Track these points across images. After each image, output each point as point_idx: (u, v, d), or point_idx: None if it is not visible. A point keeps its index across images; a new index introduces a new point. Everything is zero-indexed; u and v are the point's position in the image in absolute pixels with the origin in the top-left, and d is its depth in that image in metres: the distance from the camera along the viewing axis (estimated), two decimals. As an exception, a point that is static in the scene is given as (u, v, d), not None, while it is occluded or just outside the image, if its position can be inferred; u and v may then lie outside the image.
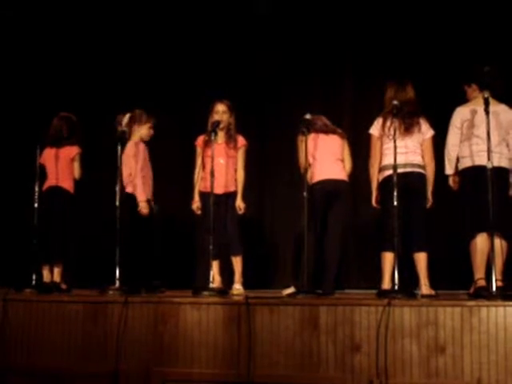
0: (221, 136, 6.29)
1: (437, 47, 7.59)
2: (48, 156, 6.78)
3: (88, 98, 8.41)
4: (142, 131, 6.53)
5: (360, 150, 6.88)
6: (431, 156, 5.87)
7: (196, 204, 6.36)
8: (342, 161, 6.31)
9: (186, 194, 8.10)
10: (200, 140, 6.38)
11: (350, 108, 7.83)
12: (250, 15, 8.20)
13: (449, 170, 5.87)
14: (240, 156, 6.37)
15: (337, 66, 8.02)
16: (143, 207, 6.35)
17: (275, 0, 8.10)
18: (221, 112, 6.29)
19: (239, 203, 6.27)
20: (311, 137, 6.13)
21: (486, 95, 5.28)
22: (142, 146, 6.50)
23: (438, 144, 5.89)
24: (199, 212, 6.36)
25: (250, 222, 6.60)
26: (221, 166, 6.19)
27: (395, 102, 5.54)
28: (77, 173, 6.83)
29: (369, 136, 5.97)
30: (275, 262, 8.04)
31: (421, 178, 5.82)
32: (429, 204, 5.86)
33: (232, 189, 6.31)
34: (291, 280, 6.57)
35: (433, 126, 5.89)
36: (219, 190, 6.10)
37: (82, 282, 7.14)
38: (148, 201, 6.37)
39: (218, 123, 6.05)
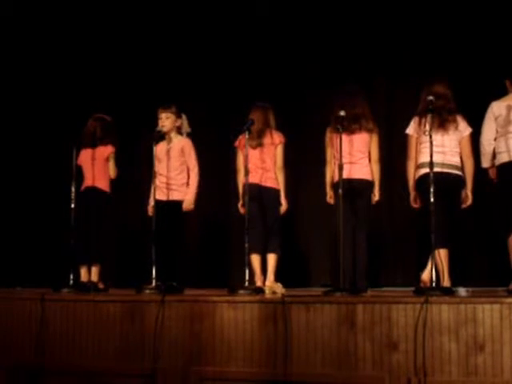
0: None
1: (472, 41, 7.49)
2: (84, 157, 6.85)
3: (126, 98, 8.49)
4: None
5: (394, 149, 6.82)
6: (469, 153, 5.77)
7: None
8: (368, 157, 6.15)
9: (221, 192, 8.14)
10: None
11: (383, 108, 7.75)
12: (280, 17, 8.20)
13: (484, 163, 5.79)
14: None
15: (369, 64, 7.95)
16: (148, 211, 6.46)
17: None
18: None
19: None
20: (337, 135, 5.83)
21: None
22: (157, 147, 6.36)
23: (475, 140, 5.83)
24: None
25: (283, 219, 6.56)
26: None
27: (430, 97, 5.47)
28: (112, 172, 6.87)
29: (405, 136, 5.91)
30: (311, 260, 8.00)
31: (458, 180, 5.74)
32: (469, 202, 5.78)
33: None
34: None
35: (470, 122, 5.80)
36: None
37: (119, 281, 7.21)
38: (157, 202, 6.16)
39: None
